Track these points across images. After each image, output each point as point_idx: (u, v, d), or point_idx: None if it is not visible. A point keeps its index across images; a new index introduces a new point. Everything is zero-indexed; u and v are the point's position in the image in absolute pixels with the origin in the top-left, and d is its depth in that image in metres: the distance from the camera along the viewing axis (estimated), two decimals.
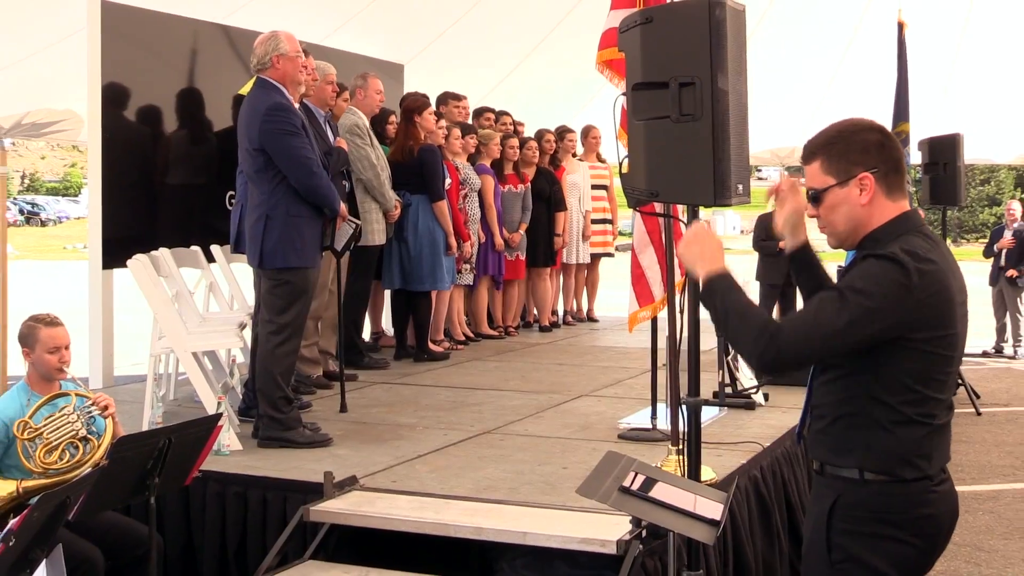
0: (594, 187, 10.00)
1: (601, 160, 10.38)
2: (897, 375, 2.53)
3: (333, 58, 7.36)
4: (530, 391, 6.67)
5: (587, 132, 10.20)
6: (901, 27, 10.03)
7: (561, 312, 10.11)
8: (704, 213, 4.08)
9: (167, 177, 7.30)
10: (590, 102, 11.16)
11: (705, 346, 4.05)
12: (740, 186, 3.61)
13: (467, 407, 6.19)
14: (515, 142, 8.96)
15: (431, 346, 7.94)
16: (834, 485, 2.63)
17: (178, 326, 5.67)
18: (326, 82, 6.55)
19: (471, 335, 8.81)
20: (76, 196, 48.38)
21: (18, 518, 3.39)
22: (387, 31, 10.10)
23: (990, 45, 11.58)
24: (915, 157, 9.99)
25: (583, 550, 3.83)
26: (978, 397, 9.21)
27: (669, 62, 3.57)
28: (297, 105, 5.47)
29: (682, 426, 4.08)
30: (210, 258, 6.93)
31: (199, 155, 7.50)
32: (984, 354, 12.22)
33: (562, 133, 9.75)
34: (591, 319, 10.35)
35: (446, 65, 10.48)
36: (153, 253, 6.21)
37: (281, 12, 8.73)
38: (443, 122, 8.09)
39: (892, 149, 2.64)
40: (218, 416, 4.19)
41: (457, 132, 8.25)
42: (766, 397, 6.19)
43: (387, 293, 8.28)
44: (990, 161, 16.97)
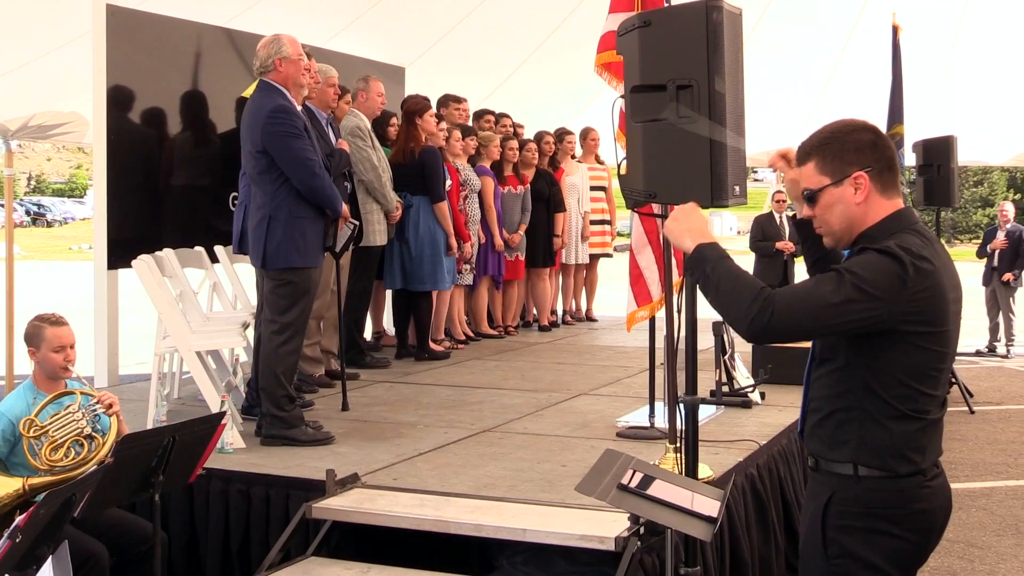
0: (593, 188, 10.03)
1: (600, 162, 10.41)
2: (891, 370, 2.56)
3: (335, 61, 7.40)
4: (529, 390, 6.70)
5: (586, 134, 10.23)
6: (896, 31, 10.06)
7: (560, 312, 10.14)
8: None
9: (171, 179, 7.32)
10: (589, 105, 11.19)
11: (702, 345, 4.08)
12: (737, 187, 3.61)
13: (467, 406, 6.21)
14: (515, 144, 8.98)
15: (432, 345, 7.97)
16: (829, 482, 2.66)
17: (182, 326, 5.69)
18: (328, 84, 6.57)
19: (471, 334, 8.84)
20: (82, 197, 48.39)
21: (24, 515, 3.39)
22: (388, 34, 10.14)
23: (983, 49, 11.62)
24: (909, 159, 10.01)
25: (582, 547, 3.85)
26: (971, 395, 9.24)
27: (667, 65, 3.58)
28: (299, 107, 5.49)
29: (680, 424, 4.09)
30: (213, 258, 6.96)
31: (203, 157, 7.52)
32: (977, 353, 12.27)
33: (561, 135, 9.78)
34: (590, 319, 10.38)
35: (447, 68, 10.53)
36: (157, 254, 6.24)
37: (284, 15, 8.77)
38: (444, 124, 8.12)
39: (885, 148, 2.68)
40: (222, 414, 4.20)
41: (458, 134, 8.27)
42: (762, 396, 6.22)
43: (388, 293, 8.31)
44: (983, 163, 17.00)
